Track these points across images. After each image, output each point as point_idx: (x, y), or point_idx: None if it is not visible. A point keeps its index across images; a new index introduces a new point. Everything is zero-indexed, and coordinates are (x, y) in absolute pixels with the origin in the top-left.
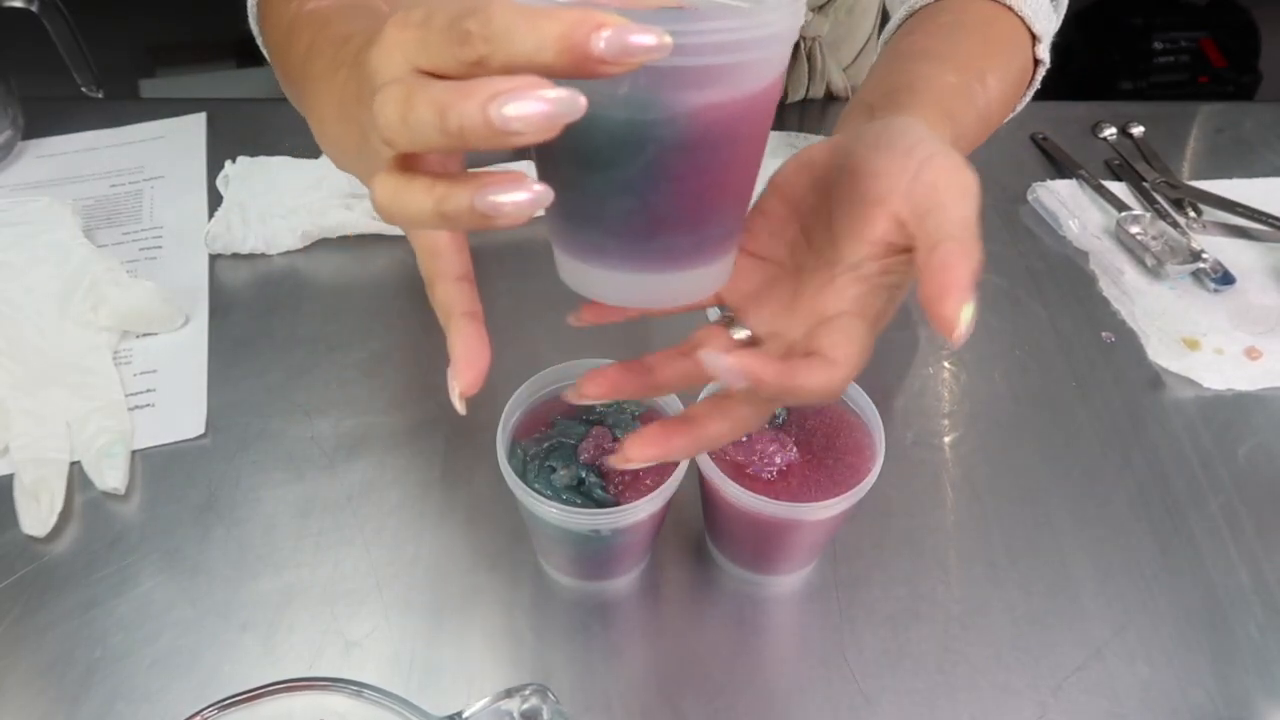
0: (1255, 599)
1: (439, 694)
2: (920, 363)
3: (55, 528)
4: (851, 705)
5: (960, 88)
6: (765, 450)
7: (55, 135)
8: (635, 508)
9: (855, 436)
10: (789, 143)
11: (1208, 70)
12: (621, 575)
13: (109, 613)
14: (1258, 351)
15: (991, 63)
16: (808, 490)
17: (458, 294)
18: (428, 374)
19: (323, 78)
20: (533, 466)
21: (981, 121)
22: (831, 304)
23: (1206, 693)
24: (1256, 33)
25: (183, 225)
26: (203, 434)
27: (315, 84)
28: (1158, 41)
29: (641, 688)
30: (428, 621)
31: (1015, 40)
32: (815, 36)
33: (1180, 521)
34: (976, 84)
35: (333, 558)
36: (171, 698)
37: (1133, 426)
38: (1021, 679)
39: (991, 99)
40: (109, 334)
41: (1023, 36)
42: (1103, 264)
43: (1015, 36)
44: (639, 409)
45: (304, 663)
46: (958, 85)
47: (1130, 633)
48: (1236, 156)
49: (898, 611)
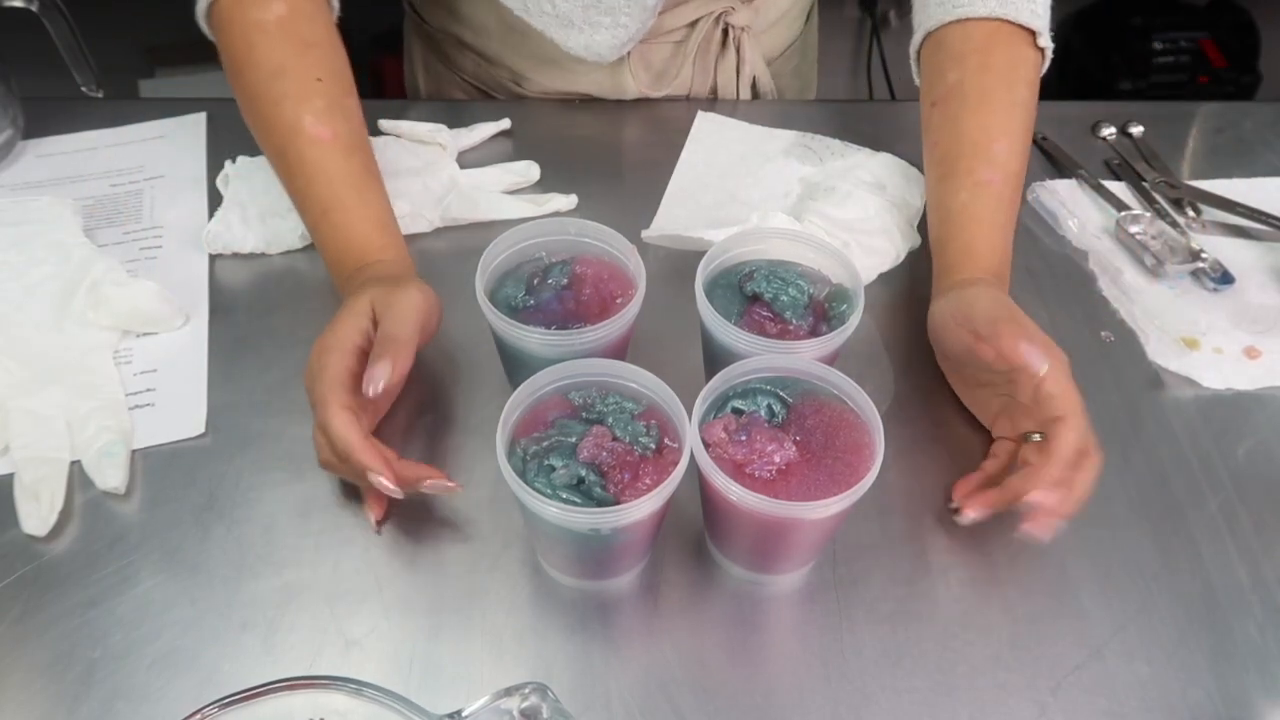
0: (1254, 598)
1: (439, 693)
2: (920, 363)
3: (55, 527)
4: (851, 705)
5: (970, 205)
6: (764, 449)
7: (55, 135)
8: (635, 506)
9: (855, 436)
10: (804, 143)
11: (1208, 70)
12: (621, 574)
13: (109, 612)
14: (1257, 351)
15: (994, 128)
16: (807, 489)
17: (367, 457)
18: (427, 374)
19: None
20: (532, 465)
21: (999, 201)
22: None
23: (1206, 692)
24: (1256, 33)
25: (183, 225)
26: (203, 434)
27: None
28: (1158, 41)
29: (641, 687)
30: (428, 620)
31: (1013, 63)
32: (744, 26)
33: (1180, 521)
34: (985, 172)
35: (333, 557)
36: (171, 697)
37: (1132, 426)
38: (1021, 679)
39: (1004, 164)
40: (109, 334)
41: (1021, 48)
42: (1102, 264)
43: (1012, 56)
44: (637, 408)
45: (304, 662)
46: (968, 203)
47: (1130, 632)
48: (1236, 156)
49: (898, 611)
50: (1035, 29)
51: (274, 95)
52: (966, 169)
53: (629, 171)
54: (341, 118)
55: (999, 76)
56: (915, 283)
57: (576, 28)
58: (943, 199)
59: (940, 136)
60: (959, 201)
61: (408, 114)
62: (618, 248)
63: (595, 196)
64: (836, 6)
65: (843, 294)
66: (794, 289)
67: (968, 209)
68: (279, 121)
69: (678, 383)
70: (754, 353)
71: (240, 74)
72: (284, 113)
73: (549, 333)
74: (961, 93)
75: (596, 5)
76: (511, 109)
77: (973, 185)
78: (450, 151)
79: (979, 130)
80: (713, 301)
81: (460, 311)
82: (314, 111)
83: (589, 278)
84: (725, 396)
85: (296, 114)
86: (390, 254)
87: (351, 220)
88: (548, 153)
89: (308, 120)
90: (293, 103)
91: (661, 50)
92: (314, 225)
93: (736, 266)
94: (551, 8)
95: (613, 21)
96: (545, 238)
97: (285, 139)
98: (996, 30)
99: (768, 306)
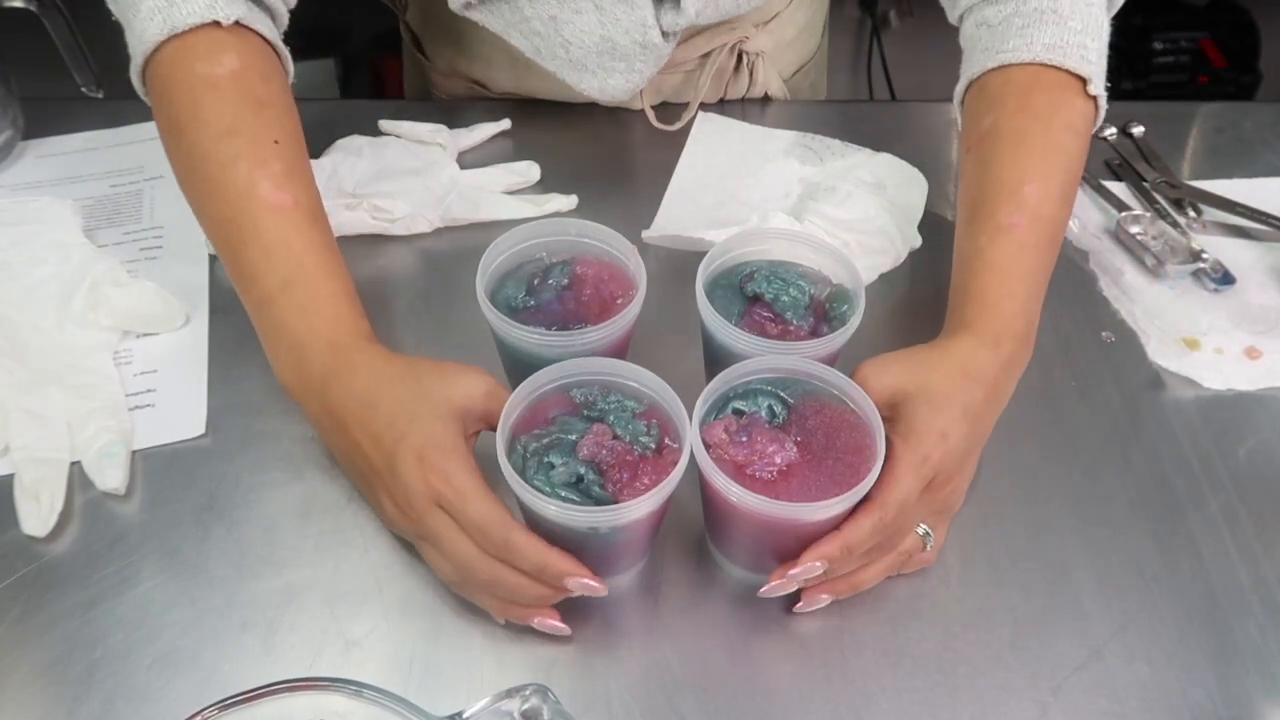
0: (1255, 598)
1: (439, 694)
2: None
3: (55, 528)
4: (851, 705)
5: (986, 250)
6: (765, 450)
7: (55, 135)
8: (632, 506)
9: (855, 437)
10: (804, 144)
11: (1208, 70)
12: (620, 573)
13: (109, 612)
14: (1258, 351)
15: (1026, 172)
16: (807, 490)
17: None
18: None
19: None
20: (532, 462)
21: (1023, 247)
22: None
23: (1206, 692)
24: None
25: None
26: (203, 434)
27: (265, 312)
28: (1158, 41)
29: (641, 688)
30: (428, 621)
31: (1054, 109)
32: (759, 52)
33: (1180, 521)
34: (1009, 215)
35: (333, 558)
36: (171, 697)
37: (1133, 426)
38: (1021, 679)
39: (1033, 209)
40: (109, 334)
41: (1066, 94)
42: (1103, 264)
43: (1054, 101)
44: (639, 407)
45: (304, 663)
46: (984, 248)
47: (1130, 633)
48: (1236, 156)
49: (898, 611)
50: (1085, 75)
51: (224, 157)
52: (990, 211)
53: (629, 172)
54: (301, 184)
55: (1036, 118)
56: (915, 283)
57: (590, 71)
58: (962, 245)
59: (971, 181)
60: (975, 246)
61: (408, 114)
62: (618, 248)
63: (595, 197)
64: (836, 6)
65: (843, 294)
66: (795, 289)
67: (984, 254)
68: (230, 186)
69: (678, 383)
70: (754, 353)
71: (183, 134)
72: (236, 176)
73: (549, 333)
74: (996, 134)
75: (611, 52)
76: (511, 109)
77: (993, 229)
78: (450, 152)
79: (1010, 171)
80: (713, 302)
81: (460, 312)
82: (271, 176)
83: (589, 278)
84: (726, 397)
85: (251, 178)
86: (366, 330)
87: (320, 295)
88: (548, 153)
89: (265, 186)
90: (247, 165)
91: (673, 79)
92: (266, 301)
93: (737, 267)
94: (565, 52)
95: (627, 67)
96: (546, 238)
97: (236, 206)
98: (1040, 74)
99: (768, 307)
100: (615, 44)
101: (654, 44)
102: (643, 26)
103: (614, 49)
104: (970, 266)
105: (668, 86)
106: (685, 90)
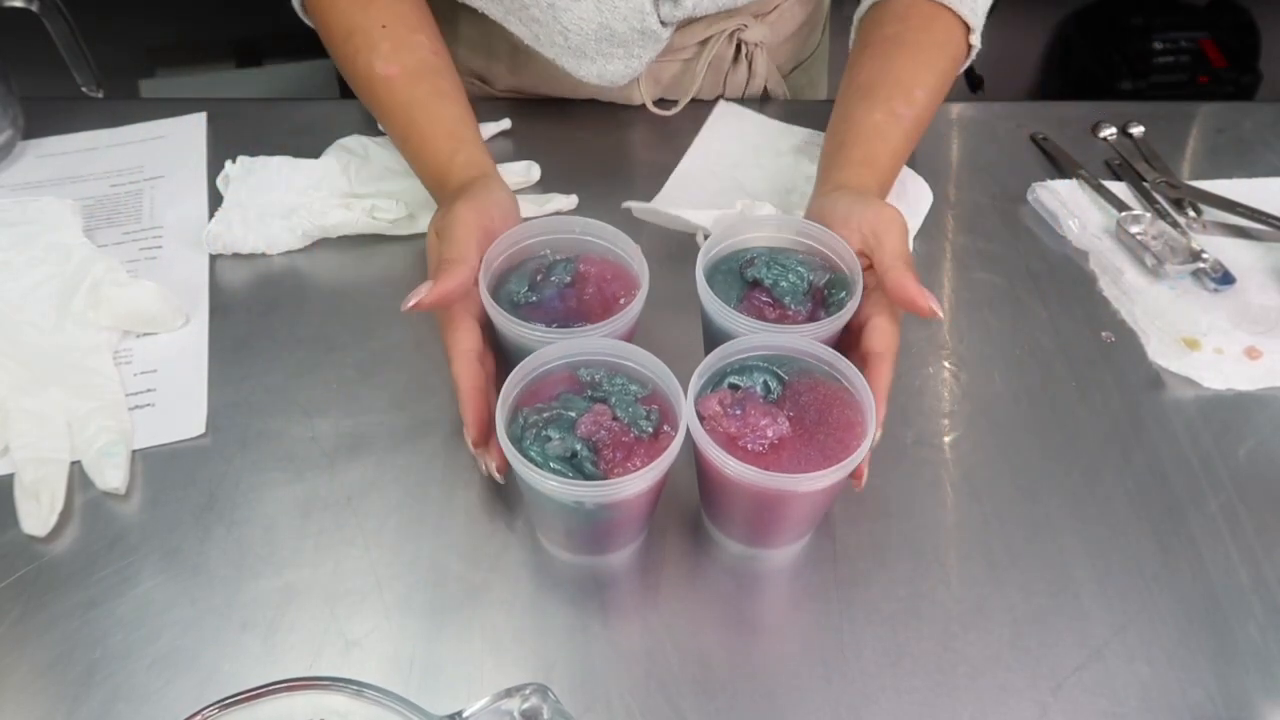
0: (1255, 599)
1: (439, 693)
2: (920, 363)
3: (55, 528)
4: (851, 705)
5: (882, 126)
6: (758, 424)
7: (55, 135)
8: (620, 484)
9: (848, 414)
10: (816, 142)
11: (1208, 70)
12: (616, 550)
13: (109, 612)
14: (1258, 351)
15: (920, 77)
16: (798, 463)
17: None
18: (427, 374)
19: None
20: (530, 434)
21: (906, 137)
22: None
23: (1206, 693)
24: (1256, 33)
25: (183, 225)
26: (203, 434)
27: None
28: (1158, 41)
29: (641, 687)
30: (428, 621)
31: (948, 40)
32: (757, 43)
33: (1180, 521)
34: (902, 107)
35: (333, 557)
36: (171, 697)
37: (1132, 426)
38: (1021, 679)
39: (919, 110)
40: (109, 334)
41: (956, 33)
42: (1103, 264)
43: (949, 35)
44: (643, 391)
45: (304, 662)
46: (880, 124)
47: (1130, 633)
48: (1236, 156)
49: (898, 611)
50: (971, 25)
51: (350, 54)
52: (886, 97)
53: (630, 172)
54: (408, 53)
55: (934, 41)
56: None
57: (589, 58)
58: (852, 114)
59: (866, 70)
60: (872, 120)
61: None
62: (623, 248)
63: (596, 197)
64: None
65: (842, 281)
66: (794, 275)
67: (879, 128)
68: (359, 76)
69: (677, 370)
70: None
71: (332, 50)
72: (359, 67)
73: (550, 330)
74: (899, 40)
75: (610, 38)
76: (511, 109)
77: (889, 112)
78: None
79: (907, 72)
80: (713, 286)
81: None
82: (381, 56)
83: (593, 277)
84: (722, 372)
85: (368, 63)
86: (461, 157)
87: (424, 139)
88: (548, 153)
89: (377, 65)
90: (364, 55)
91: (671, 67)
92: (407, 159)
93: (737, 252)
94: (564, 39)
95: (626, 53)
96: (550, 235)
97: (367, 89)
98: (939, 11)
99: (767, 292)
100: (613, 31)
101: (652, 30)
102: (640, 13)
103: (612, 35)
104: (864, 133)
105: (666, 76)
106: (683, 80)
